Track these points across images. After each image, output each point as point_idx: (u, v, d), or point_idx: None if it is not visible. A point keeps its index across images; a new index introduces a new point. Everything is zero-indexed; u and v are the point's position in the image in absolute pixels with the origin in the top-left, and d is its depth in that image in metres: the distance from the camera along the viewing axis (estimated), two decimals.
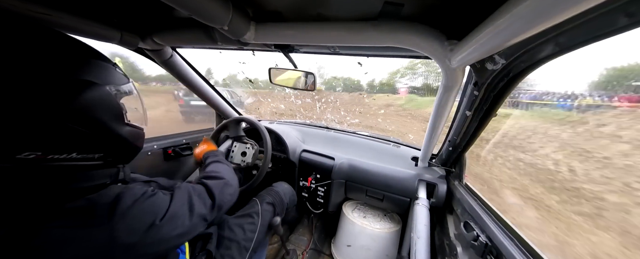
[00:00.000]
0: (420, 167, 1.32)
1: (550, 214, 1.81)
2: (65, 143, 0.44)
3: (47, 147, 0.42)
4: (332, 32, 0.65)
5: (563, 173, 2.07)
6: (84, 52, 0.49)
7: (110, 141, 0.51)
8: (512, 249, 0.64)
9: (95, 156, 0.49)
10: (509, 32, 0.39)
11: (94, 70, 0.47)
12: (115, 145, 0.52)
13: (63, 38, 0.47)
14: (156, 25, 0.90)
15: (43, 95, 0.40)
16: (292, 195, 1.30)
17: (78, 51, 0.48)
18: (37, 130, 0.40)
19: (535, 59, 0.52)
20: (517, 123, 3.10)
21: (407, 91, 9.24)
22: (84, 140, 0.46)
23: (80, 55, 0.48)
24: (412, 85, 10.04)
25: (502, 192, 2.14)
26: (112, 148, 0.52)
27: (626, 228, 1.45)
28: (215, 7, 0.57)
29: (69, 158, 0.45)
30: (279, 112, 5.83)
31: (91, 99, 0.45)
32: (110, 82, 0.49)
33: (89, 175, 0.50)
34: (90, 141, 0.47)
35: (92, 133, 0.46)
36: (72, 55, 0.46)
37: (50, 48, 0.44)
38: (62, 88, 0.42)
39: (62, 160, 0.44)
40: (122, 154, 0.56)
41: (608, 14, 0.35)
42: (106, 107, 0.48)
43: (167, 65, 1.21)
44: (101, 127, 0.48)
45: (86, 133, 0.45)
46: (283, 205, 1.17)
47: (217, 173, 0.83)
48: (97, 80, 0.47)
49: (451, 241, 0.99)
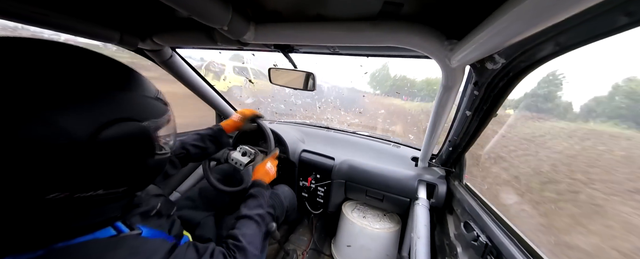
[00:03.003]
0: (420, 167, 1.32)
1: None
2: (94, 182, 0.41)
3: (75, 187, 0.39)
4: (332, 32, 0.65)
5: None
6: (123, 86, 0.44)
7: (138, 175, 0.48)
8: (512, 249, 0.64)
9: (120, 190, 0.45)
10: (509, 32, 0.39)
11: (133, 106, 0.43)
12: (142, 177, 0.50)
13: (105, 64, 0.43)
14: (156, 25, 0.90)
15: (71, 133, 0.36)
16: (292, 198, 1.30)
17: (118, 86, 0.43)
18: (68, 171, 0.37)
19: (535, 59, 0.52)
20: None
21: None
22: (114, 177, 0.43)
23: (121, 90, 0.43)
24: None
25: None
26: (138, 181, 0.49)
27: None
28: (214, 7, 0.57)
29: (95, 195, 0.42)
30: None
31: (126, 137, 0.41)
32: (147, 116, 0.45)
33: (102, 210, 0.46)
34: (119, 178, 0.44)
35: (122, 170, 0.44)
36: (112, 91, 0.42)
37: (89, 85, 0.39)
38: (94, 126, 0.38)
39: (86, 198, 0.41)
40: (145, 183, 0.53)
41: (607, 14, 0.35)
42: (141, 143, 0.45)
43: (167, 65, 1.21)
44: (133, 164, 0.45)
45: (115, 171, 0.43)
46: (283, 208, 1.17)
47: (244, 236, 0.70)
48: (135, 116, 0.43)
49: (451, 241, 0.99)
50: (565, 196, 1.76)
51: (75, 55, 0.40)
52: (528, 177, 2.07)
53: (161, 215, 0.63)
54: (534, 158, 2.29)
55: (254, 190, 0.86)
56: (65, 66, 0.38)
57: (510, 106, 2.84)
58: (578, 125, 2.59)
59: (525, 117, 2.91)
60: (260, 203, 0.82)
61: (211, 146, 1.06)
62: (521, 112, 2.99)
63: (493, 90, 0.67)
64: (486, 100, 0.72)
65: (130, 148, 0.43)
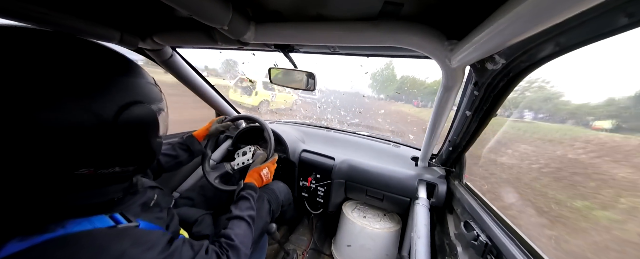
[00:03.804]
0: (420, 167, 1.32)
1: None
2: (113, 159, 0.47)
3: (99, 163, 0.45)
4: (332, 32, 0.65)
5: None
6: (133, 74, 0.51)
7: (145, 154, 0.54)
8: (512, 249, 0.64)
9: (130, 168, 0.52)
10: (509, 32, 0.39)
11: (142, 90, 0.51)
12: (147, 157, 0.55)
13: (115, 55, 0.49)
14: (156, 25, 0.90)
15: (100, 115, 0.42)
16: (287, 193, 1.30)
17: (129, 74, 0.50)
18: (93, 147, 0.42)
19: (536, 59, 0.52)
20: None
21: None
22: (128, 155, 0.49)
23: (132, 77, 0.50)
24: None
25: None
26: (144, 160, 0.55)
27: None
28: (215, 7, 0.57)
29: (112, 172, 0.48)
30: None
31: (140, 117, 0.48)
32: (153, 100, 0.52)
33: (103, 191, 0.50)
34: (132, 156, 0.50)
35: (136, 148, 0.50)
36: (126, 78, 0.48)
37: (109, 74, 0.46)
38: (116, 109, 0.44)
39: (106, 173, 0.47)
40: (148, 165, 0.58)
41: (608, 14, 0.35)
42: (150, 124, 0.51)
43: (167, 65, 1.21)
44: (144, 143, 0.51)
45: (131, 149, 0.49)
46: (278, 202, 1.17)
47: (237, 236, 0.72)
48: (144, 99, 0.50)
49: (451, 241, 0.99)
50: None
51: (94, 48, 0.47)
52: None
53: (161, 208, 0.65)
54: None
55: (245, 192, 0.88)
56: (90, 58, 0.44)
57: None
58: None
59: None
60: (251, 205, 0.85)
61: (183, 154, 1.08)
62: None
63: (493, 90, 0.67)
64: (486, 100, 0.72)
65: (142, 128, 0.49)
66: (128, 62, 0.51)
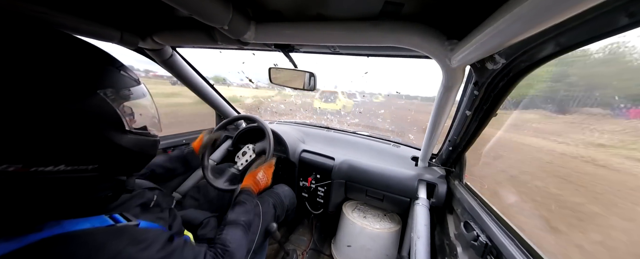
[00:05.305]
0: (420, 167, 1.32)
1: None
2: (50, 154, 0.39)
3: (28, 159, 0.37)
4: (332, 31, 0.65)
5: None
6: (76, 50, 0.44)
7: (107, 152, 0.47)
8: (512, 249, 0.64)
9: (88, 167, 0.44)
10: (509, 32, 0.39)
11: (86, 73, 0.43)
12: (115, 155, 0.48)
13: (53, 35, 0.43)
14: (156, 24, 0.90)
15: (18, 101, 0.36)
16: (292, 197, 1.30)
17: (67, 49, 0.43)
18: (14, 140, 0.36)
19: (536, 58, 0.52)
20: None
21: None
22: (72, 151, 0.42)
23: (70, 54, 0.43)
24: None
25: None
26: (110, 159, 0.48)
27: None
28: (215, 6, 0.57)
29: (57, 170, 0.40)
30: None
31: (79, 105, 0.41)
32: (105, 85, 0.45)
33: (83, 189, 0.47)
34: (80, 152, 0.43)
35: (81, 143, 0.42)
36: (60, 54, 0.42)
37: (32, 46, 0.39)
38: (43, 92, 0.38)
39: (48, 173, 0.40)
40: (124, 165, 0.52)
41: (608, 14, 0.35)
42: (97, 114, 0.44)
43: (167, 64, 1.21)
44: (93, 136, 0.44)
45: (73, 143, 0.41)
46: (283, 207, 1.17)
47: (233, 242, 0.72)
48: (99, 86, 0.44)
49: (451, 241, 0.99)
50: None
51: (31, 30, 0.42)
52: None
53: (161, 208, 0.65)
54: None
55: (242, 196, 0.89)
56: (23, 40, 0.40)
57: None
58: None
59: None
60: (248, 210, 0.85)
61: (179, 167, 1.07)
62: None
63: (493, 90, 0.67)
64: (486, 100, 0.72)
65: (80, 115, 0.41)
66: (76, 40, 0.45)
